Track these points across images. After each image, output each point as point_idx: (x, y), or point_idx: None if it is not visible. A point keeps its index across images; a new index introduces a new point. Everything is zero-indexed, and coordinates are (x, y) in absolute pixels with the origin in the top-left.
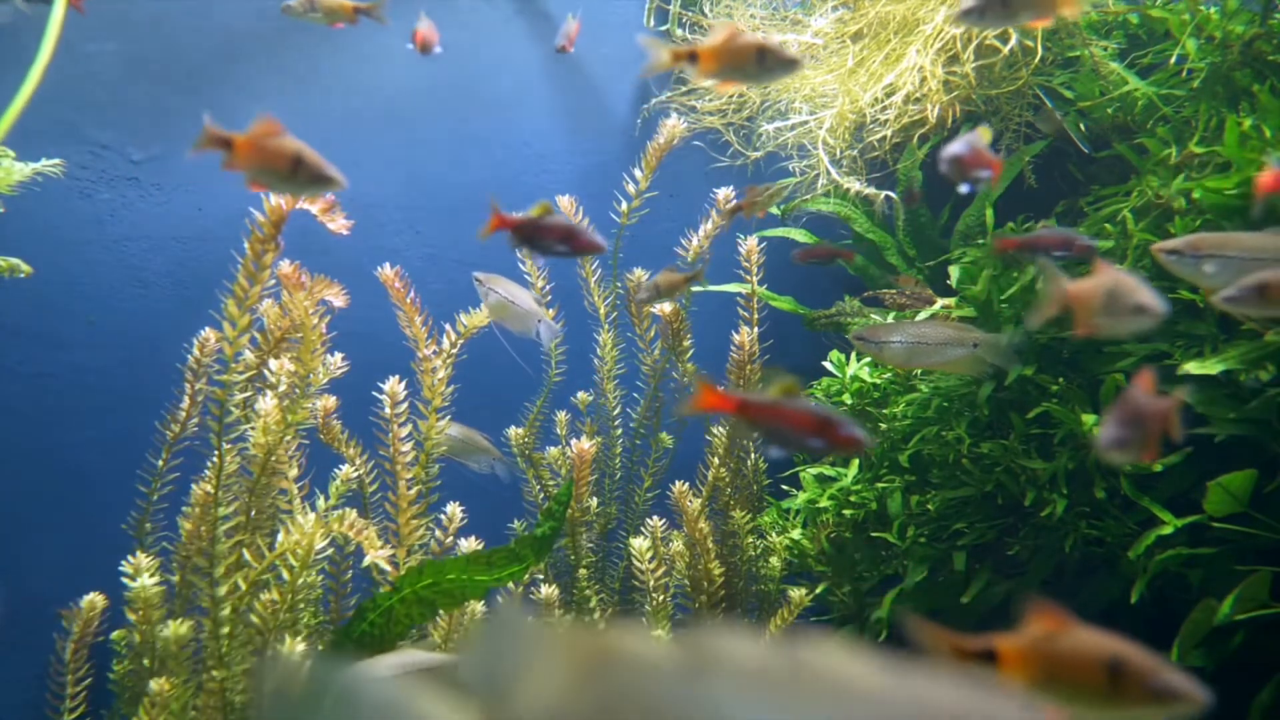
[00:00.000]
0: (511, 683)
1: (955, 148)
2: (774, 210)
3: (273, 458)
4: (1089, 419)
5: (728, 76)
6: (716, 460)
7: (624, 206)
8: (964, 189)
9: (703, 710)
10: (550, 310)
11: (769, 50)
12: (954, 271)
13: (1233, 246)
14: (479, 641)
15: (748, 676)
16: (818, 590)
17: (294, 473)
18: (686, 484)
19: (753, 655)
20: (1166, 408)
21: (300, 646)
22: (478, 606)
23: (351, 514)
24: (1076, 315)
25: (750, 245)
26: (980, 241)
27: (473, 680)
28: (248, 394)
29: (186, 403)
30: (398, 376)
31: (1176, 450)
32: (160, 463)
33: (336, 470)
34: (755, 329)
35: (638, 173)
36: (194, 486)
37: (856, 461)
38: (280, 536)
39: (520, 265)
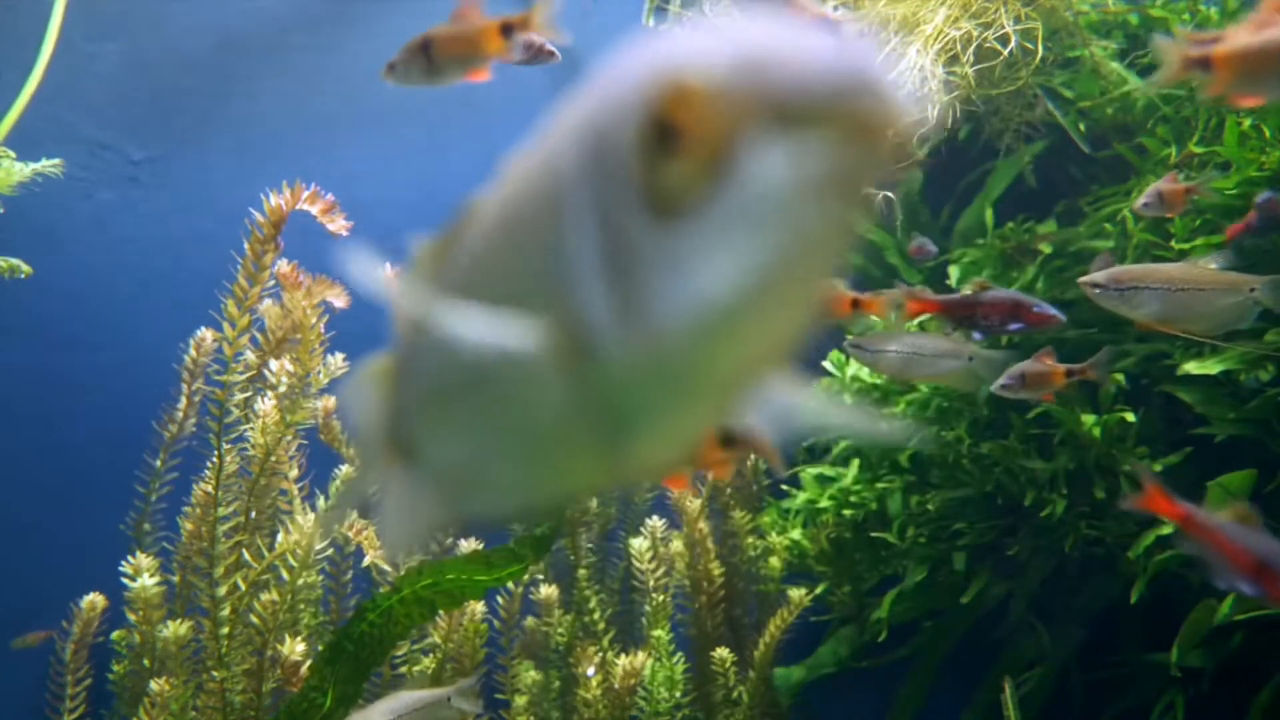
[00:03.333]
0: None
1: None
2: None
3: (272, 458)
4: (1089, 419)
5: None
6: None
7: None
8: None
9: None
10: None
11: None
12: (954, 271)
13: (1154, 278)
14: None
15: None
16: (818, 590)
17: (294, 473)
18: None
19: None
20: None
21: (300, 647)
22: (478, 607)
23: (352, 514)
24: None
25: None
26: (980, 241)
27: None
28: (248, 394)
29: (184, 403)
30: None
31: (1176, 450)
32: (159, 463)
33: (337, 470)
34: None
35: None
36: (194, 487)
37: (856, 461)
38: (280, 536)
39: None
